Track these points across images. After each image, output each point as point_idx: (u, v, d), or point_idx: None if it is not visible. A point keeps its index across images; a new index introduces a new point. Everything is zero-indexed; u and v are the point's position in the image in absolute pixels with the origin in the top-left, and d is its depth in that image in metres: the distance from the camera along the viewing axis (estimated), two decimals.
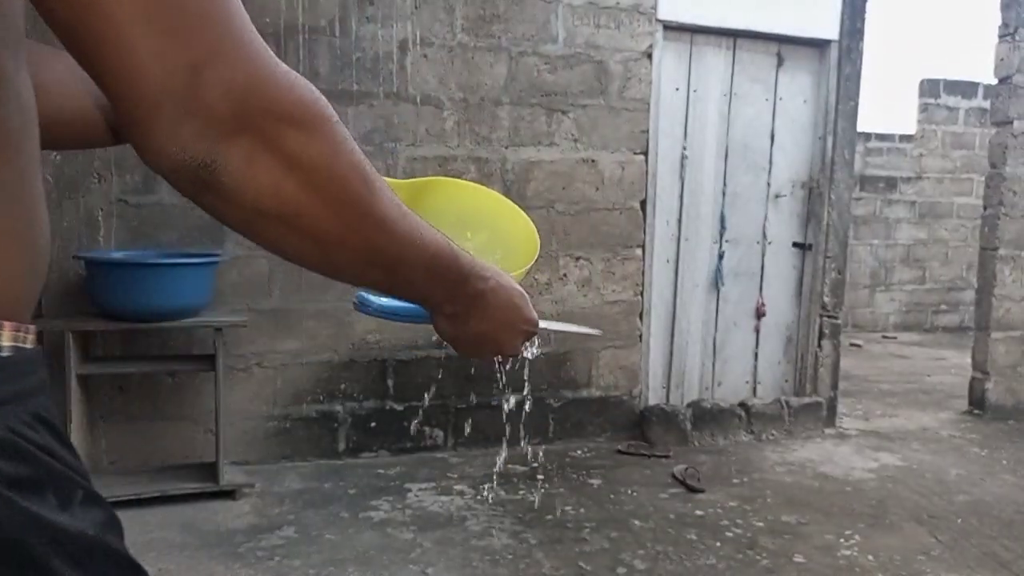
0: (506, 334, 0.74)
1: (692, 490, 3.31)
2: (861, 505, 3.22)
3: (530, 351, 0.84)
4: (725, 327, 4.35)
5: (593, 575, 2.55)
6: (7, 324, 0.47)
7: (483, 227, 0.92)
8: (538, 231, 0.94)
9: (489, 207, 0.94)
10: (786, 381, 4.49)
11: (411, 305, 0.72)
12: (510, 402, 3.79)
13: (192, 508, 2.97)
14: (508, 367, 0.89)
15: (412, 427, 3.67)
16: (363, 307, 0.78)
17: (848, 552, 2.77)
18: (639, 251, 3.96)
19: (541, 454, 3.69)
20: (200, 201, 0.47)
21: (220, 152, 0.44)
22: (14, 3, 0.46)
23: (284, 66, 0.45)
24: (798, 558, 2.70)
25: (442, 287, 0.65)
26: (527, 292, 0.78)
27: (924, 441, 4.19)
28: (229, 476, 3.10)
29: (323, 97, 0.48)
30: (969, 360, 4.94)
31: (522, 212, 0.95)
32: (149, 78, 0.40)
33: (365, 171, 0.51)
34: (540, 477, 3.45)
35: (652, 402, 4.11)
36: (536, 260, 0.88)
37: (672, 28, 3.96)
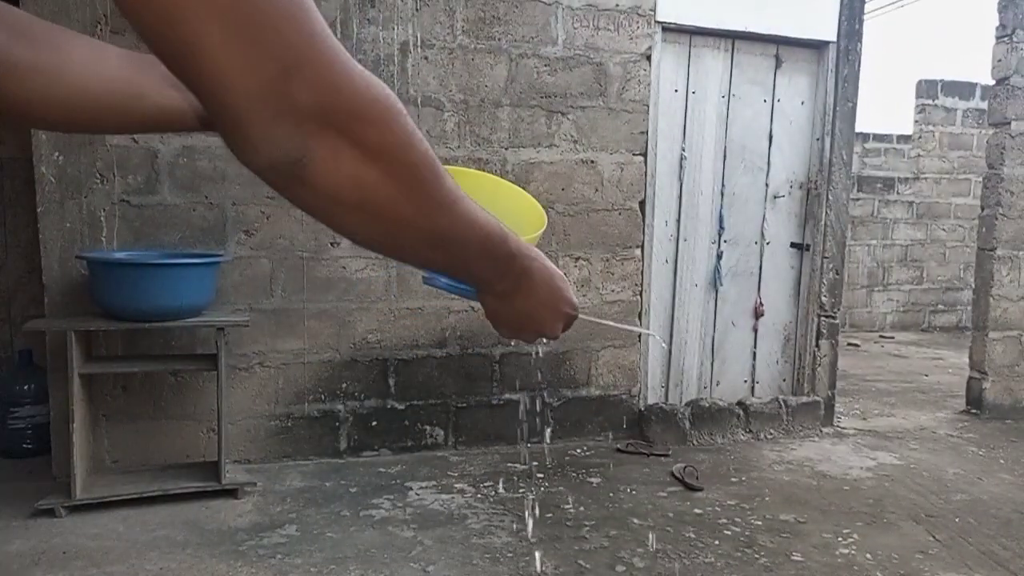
0: (548, 314, 0.77)
1: (691, 488, 3.33)
2: (859, 504, 3.24)
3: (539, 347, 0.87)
4: (723, 327, 4.37)
5: (593, 573, 2.57)
6: None
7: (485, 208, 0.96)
8: None
9: (487, 189, 0.96)
10: (784, 380, 4.52)
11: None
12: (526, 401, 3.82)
13: (194, 507, 2.99)
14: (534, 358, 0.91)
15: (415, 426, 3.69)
16: (431, 282, 0.82)
17: (846, 551, 2.79)
18: (638, 251, 3.98)
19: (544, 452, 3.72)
20: (289, 193, 0.51)
21: (309, 148, 0.48)
22: None
23: (359, 66, 0.49)
24: (796, 556, 2.73)
25: (493, 265, 0.69)
26: None
27: (922, 440, 4.21)
28: (231, 475, 3.12)
29: (393, 93, 0.52)
30: (966, 360, 4.97)
31: (522, 190, 0.98)
32: (243, 87, 0.44)
33: (431, 158, 0.56)
34: (540, 475, 3.47)
35: (651, 401, 4.13)
36: (545, 228, 0.91)
37: (671, 30, 3.98)
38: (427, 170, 0.56)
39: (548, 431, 3.89)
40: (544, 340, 0.82)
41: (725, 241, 4.29)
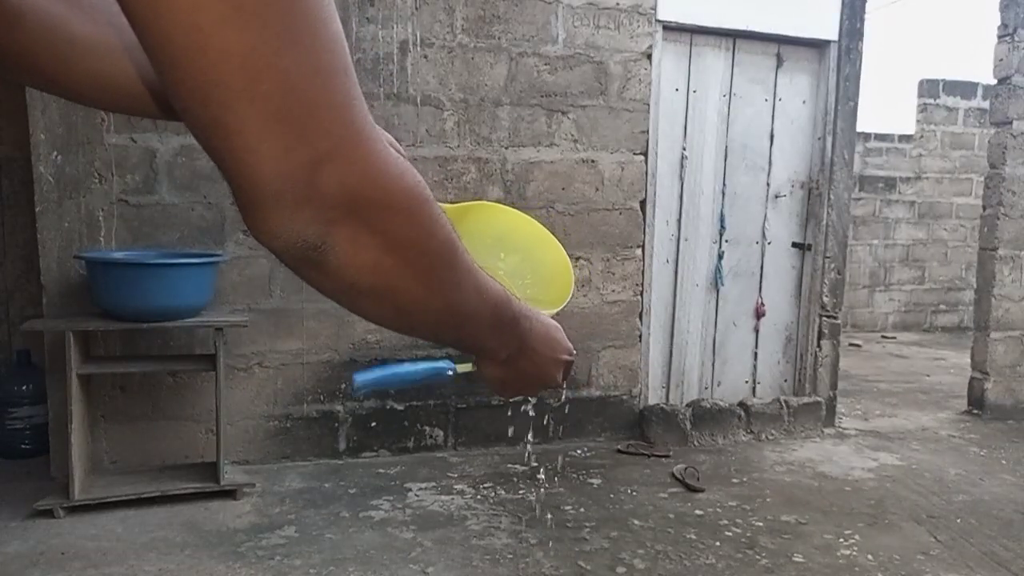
0: (550, 367, 0.78)
1: (692, 490, 3.32)
2: (860, 505, 3.22)
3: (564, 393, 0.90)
4: (724, 327, 4.35)
5: (593, 574, 2.55)
6: None
7: (517, 250, 0.96)
8: None
9: (526, 233, 0.97)
10: (785, 381, 4.50)
11: (405, 369, 0.78)
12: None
13: (193, 508, 2.98)
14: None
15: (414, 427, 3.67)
16: (357, 391, 0.82)
17: (847, 552, 2.77)
18: (639, 251, 3.97)
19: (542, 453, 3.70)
20: (302, 275, 0.50)
21: (330, 235, 0.46)
22: None
23: (392, 152, 0.47)
24: (797, 558, 2.71)
25: (500, 334, 0.69)
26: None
27: (923, 441, 4.20)
28: (230, 476, 3.11)
29: (423, 179, 0.51)
30: (968, 360, 4.95)
31: (562, 248, 0.98)
32: (273, 173, 0.42)
33: (453, 243, 0.55)
34: (540, 476, 3.45)
35: (652, 402, 4.12)
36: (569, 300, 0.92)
37: (672, 29, 3.96)
38: (445, 255, 0.55)
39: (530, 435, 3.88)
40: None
41: (726, 241, 4.28)
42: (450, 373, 0.83)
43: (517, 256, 0.95)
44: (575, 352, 0.82)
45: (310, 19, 0.40)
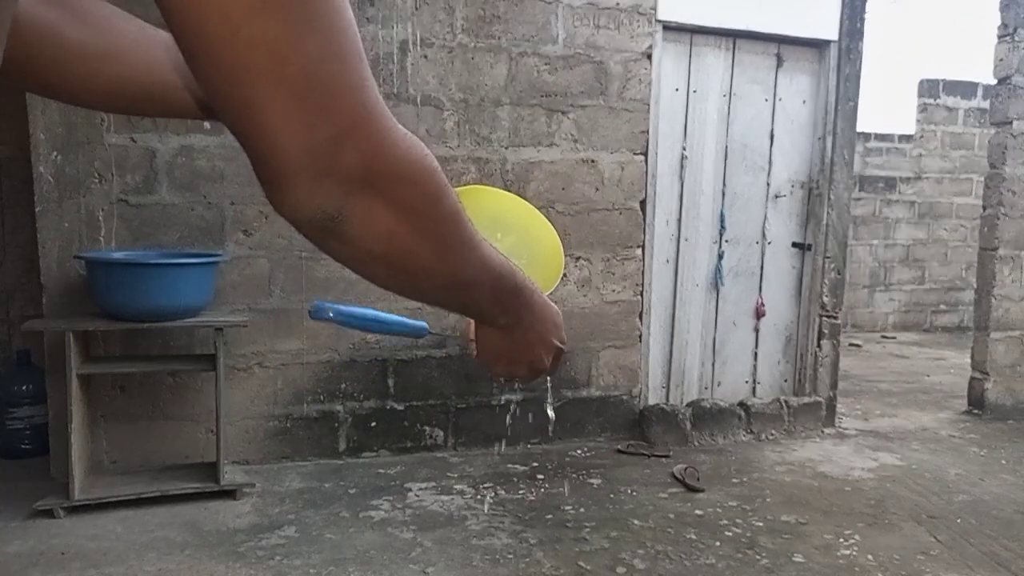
0: (539, 348, 0.82)
1: (692, 490, 3.32)
2: (860, 505, 3.22)
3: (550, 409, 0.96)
4: (725, 327, 4.35)
5: (593, 574, 2.55)
6: None
7: (513, 230, 1.01)
8: None
9: (521, 214, 1.02)
10: (785, 381, 4.50)
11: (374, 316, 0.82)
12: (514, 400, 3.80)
13: (193, 508, 2.98)
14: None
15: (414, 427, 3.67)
16: (318, 314, 0.85)
17: (847, 552, 2.77)
18: (639, 251, 3.97)
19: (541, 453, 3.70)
20: (323, 245, 0.54)
21: (347, 206, 0.50)
22: None
23: (401, 128, 0.52)
24: (797, 558, 2.71)
25: (501, 303, 0.74)
26: None
27: (923, 441, 4.19)
28: (230, 476, 3.11)
29: (430, 152, 0.55)
30: (968, 360, 4.95)
31: (554, 231, 1.03)
32: (297, 148, 0.46)
33: (458, 212, 0.59)
34: (540, 477, 3.45)
35: (652, 402, 4.12)
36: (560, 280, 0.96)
37: (672, 29, 3.96)
38: (452, 225, 0.59)
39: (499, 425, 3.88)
40: (519, 382, 0.88)
41: (726, 241, 4.27)
42: (423, 333, 0.88)
43: (513, 236, 1.00)
44: (567, 343, 0.85)
45: (328, 7, 0.44)
